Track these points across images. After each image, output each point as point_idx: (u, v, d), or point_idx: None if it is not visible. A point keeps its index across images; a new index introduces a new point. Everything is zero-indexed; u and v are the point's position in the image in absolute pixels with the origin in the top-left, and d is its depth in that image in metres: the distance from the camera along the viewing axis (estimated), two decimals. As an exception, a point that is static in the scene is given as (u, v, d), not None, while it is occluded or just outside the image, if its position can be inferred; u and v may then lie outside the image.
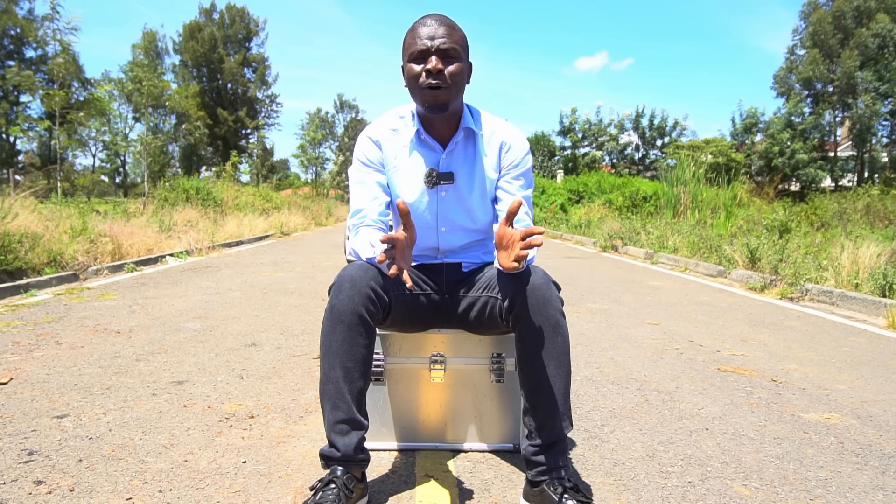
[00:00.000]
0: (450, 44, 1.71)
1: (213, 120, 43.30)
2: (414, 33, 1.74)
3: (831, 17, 31.25)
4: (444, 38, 1.70)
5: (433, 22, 1.73)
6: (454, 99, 1.76)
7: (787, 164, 27.14)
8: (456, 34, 1.74)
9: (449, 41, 1.71)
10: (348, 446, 1.58)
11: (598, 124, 33.95)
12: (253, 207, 17.41)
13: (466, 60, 1.80)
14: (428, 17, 1.76)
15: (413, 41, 1.73)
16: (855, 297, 5.23)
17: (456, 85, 1.74)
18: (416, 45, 1.72)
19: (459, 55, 1.74)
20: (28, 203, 7.97)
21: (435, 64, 1.69)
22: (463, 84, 1.78)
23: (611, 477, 1.87)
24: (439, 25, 1.72)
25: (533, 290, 1.63)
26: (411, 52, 1.73)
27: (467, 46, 1.80)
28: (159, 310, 4.49)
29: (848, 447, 2.16)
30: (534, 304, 1.63)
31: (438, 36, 1.70)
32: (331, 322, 1.61)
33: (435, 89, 1.71)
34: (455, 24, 1.77)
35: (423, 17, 1.77)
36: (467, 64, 1.80)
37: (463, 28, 1.80)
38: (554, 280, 1.69)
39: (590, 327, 4.16)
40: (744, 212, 13.41)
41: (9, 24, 30.09)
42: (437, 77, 1.70)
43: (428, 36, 1.71)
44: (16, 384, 2.64)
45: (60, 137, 17.02)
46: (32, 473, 1.79)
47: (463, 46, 1.76)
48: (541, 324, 1.63)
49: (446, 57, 1.71)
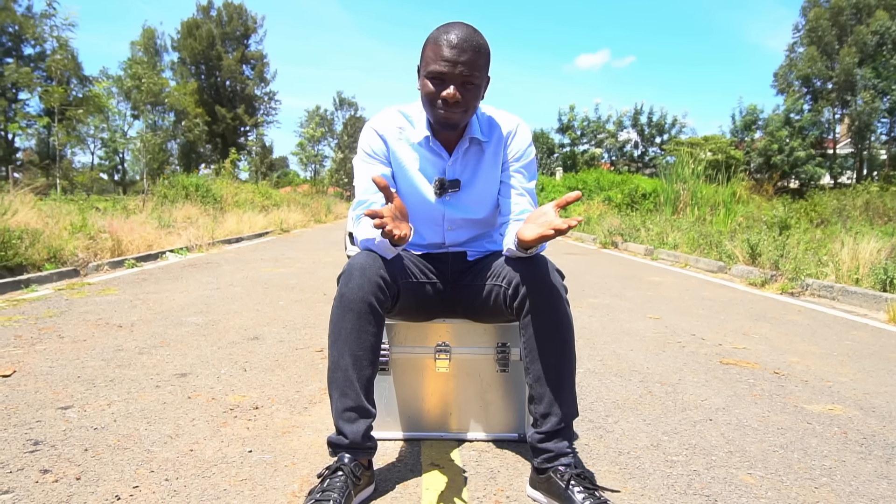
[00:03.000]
0: (473, 71, 1.63)
1: (212, 117, 43.22)
2: (438, 51, 1.63)
3: (829, 13, 31.25)
4: (467, 65, 1.62)
5: (460, 41, 1.62)
6: (467, 120, 1.74)
7: (786, 161, 27.17)
8: (481, 57, 1.65)
9: (473, 69, 1.63)
10: (356, 434, 1.59)
11: (597, 121, 33.95)
12: (252, 204, 17.40)
13: (485, 78, 1.72)
14: (455, 30, 1.64)
15: (435, 58, 1.64)
16: (856, 292, 5.24)
17: (472, 108, 1.71)
18: (436, 65, 1.63)
19: (480, 80, 1.68)
20: (27, 200, 7.95)
21: (453, 93, 1.63)
22: (478, 103, 1.75)
23: (616, 466, 1.88)
24: (465, 48, 1.61)
25: (537, 277, 1.63)
26: (430, 69, 1.65)
27: (489, 62, 1.71)
28: (160, 304, 4.49)
29: (852, 437, 2.16)
30: (538, 291, 1.63)
31: (462, 62, 1.61)
32: (340, 310, 1.61)
33: (450, 112, 1.67)
34: (482, 44, 1.66)
35: (449, 30, 1.64)
36: (485, 81, 1.73)
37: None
38: (558, 268, 1.70)
39: (591, 321, 4.17)
40: (743, 209, 13.40)
41: (7, 20, 29.99)
42: (454, 105, 1.66)
43: (452, 60, 1.61)
44: (19, 376, 2.64)
45: (59, 134, 17.00)
46: (38, 462, 1.79)
47: (485, 67, 1.69)
48: (545, 311, 1.63)
49: (466, 83, 1.65)
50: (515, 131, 1.90)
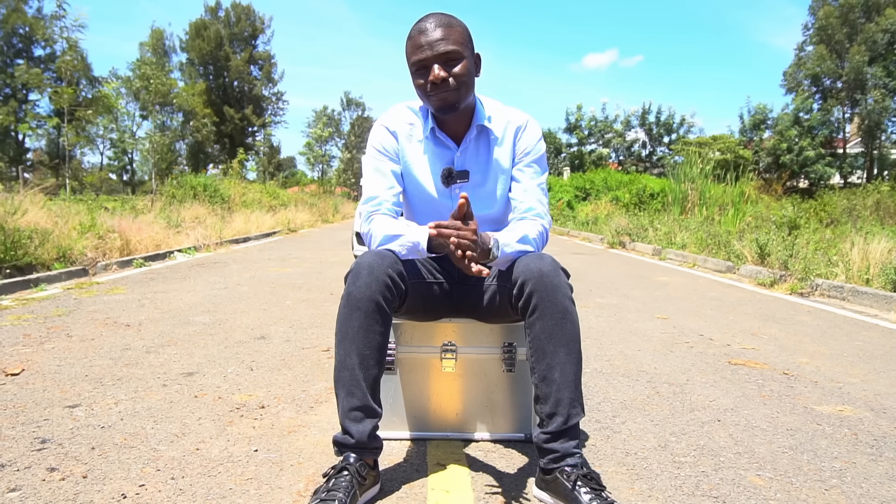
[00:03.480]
0: (450, 46, 1.68)
1: (220, 117, 43.43)
2: (412, 43, 1.71)
3: (839, 11, 31.02)
4: (441, 40, 1.67)
5: (428, 26, 1.69)
6: (464, 97, 1.75)
7: (795, 160, 26.98)
8: (454, 32, 1.70)
9: (448, 43, 1.68)
10: (362, 433, 1.58)
11: (605, 121, 33.84)
12: (260, 204, 17.46)
13: (472, 54, 1.76)
14: (423, 20, 1.72)
15: (413, 51, 1.71)
16: (866, 293, 5.19)
17: (464, 84, 1.72)
18: (416, 56, 1.70)
19: (461, 54, 1.70)
20: (37, 200, 8.01)
21: (437, 73, 1.67)
22: (472, 80, 1.77)
23: (623, 466, 1.86)
24: (435, 28, 1.68)
25: (542, 276, 1.62)
26: (413, 62, 1.71)
27: (470, 39, 1.76)
28: (168, 304, 4.50)
29: (862, 439, 2.14)
30: (543, 291, 1.62)
31: (436, 41, 1.67)
32: (347, 309, 1.61)
33: (443, 92, 1.70)
34: (452, 21, 1.72)
35: (418, 22, 1.72)
36: (473, 58, 1.77)
37: (466, 23, 1.76)
38: (563, 267, 1.68)
39: (599, 321, 4.15)
40: (752, 209, 13.32)
41: (18, 22, 30.24)
42: (443, 85, 1.69)
43: (426, 44, 1.68)
44: (27, 375, 2.65)
45: (69, 135, 17.11)
46: (46, 461, 1.80)
47: (465, 42, 1.73)
48: (550, 311, 1.62)
49: (448, 60, 1.69)
50: (526, 126, 1.90)
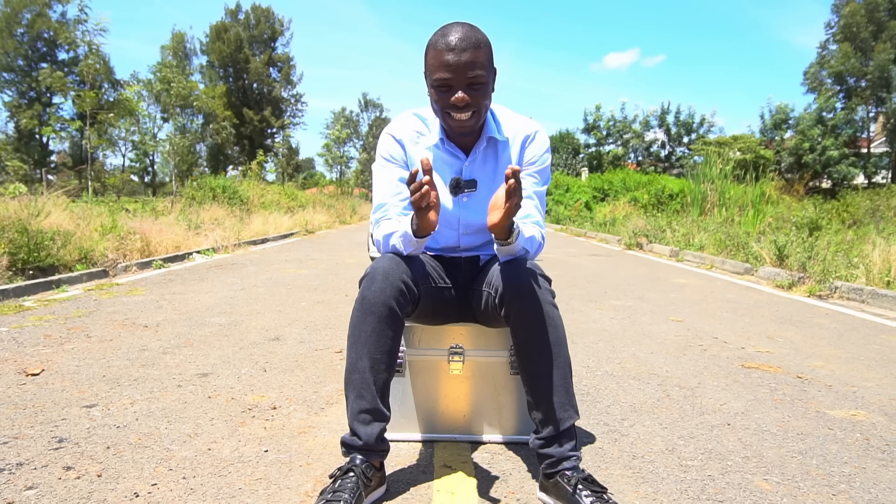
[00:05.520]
0: (476, 70, 1.61)
1: (240, 119, 43.87)
2: (438, 57, 1.62)
3: (864, 9, 30.50)
4: (469, 63, 1.60)
5: (458, 41, 1.59)
6: (480, 121, 1.74)
7: (817, 160, 26.54)
8: (481, 54, 1.62)
9: (475, 68, 1.61)
10: (370, 436, 1.60)
11: (623, 121, 33.61)
12: (278, 206, 17.59)
13: (492, 74, 1.71)
14: (451, 32, 1.62)
15: (437, 67, 1.63)
16: (886, 295, 5.12)
17: (484, 108, 1.71)
18: (440, 73, 1.62)
19: (486, 77, 1.65)
20: (60, 202, 8.14)
21: (461, 96, 1.63)
22: (489, 101, 1.73)
23: (629, 470, 1.87)
24: (464, 48, 1.59)
25: (522, 283, 1.63)
26: (435, 77, 1.64)
27: (492, 56, 1.69)
28: (186, 305, 4.57)
29: (874, 444, 2.12)
30: (523, 296, 1.63)
31: (464, 63, 1.59)
32: (361, 312, 1.63)
33: (462, 114, 1.67)
34: (480, 39, 1.63)
35: (447, 33, 1.62)
36: (492, 76, 1.72)
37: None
38: (543, 273, 1.70)
39: (612, 324, 4.14)
40: (773, 209, 13.14)
41: (42, 27, 30.83)
42: (464, 108, 1.65)
43: (454, 64, 1.59)
44: (47, 375, 2.71)
45: (91, 137, 17.39)
46: (62, 459, 1.84)
47: (489, 63, 1.66)
48: (532, 316, 1.63)
49: (473, 84, 1.63)
50: (534, 136, 1.90)
